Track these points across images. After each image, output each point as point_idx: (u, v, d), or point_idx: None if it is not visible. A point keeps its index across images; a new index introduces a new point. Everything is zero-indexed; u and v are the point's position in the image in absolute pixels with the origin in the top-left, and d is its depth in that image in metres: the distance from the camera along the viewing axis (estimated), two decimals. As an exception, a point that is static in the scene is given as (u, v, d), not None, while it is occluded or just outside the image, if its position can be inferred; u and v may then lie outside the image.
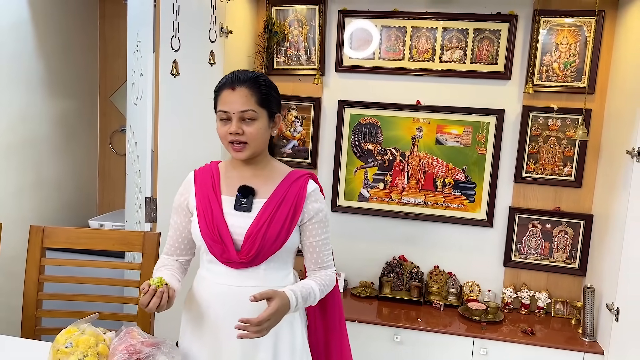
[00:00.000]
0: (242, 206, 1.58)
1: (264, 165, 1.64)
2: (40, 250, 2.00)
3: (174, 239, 1.69)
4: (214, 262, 1.60)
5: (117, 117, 3.44)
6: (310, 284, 1.59)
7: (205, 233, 1.57)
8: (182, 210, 1.67)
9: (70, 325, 1.49)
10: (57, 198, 3.12)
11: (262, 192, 1.60)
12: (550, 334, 2.79)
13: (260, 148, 1.59)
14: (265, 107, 1.56)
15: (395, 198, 3.16)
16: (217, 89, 1.59)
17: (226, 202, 1.60)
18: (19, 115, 2.77)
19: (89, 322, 1.51)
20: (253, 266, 1.56)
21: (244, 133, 1.52)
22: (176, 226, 1.68)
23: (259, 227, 1.55)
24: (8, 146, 2.72)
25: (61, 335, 1.46)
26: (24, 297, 2.00)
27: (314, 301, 1.59)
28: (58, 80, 3.06)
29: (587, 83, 2.87)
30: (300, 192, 1.60)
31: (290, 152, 3.26)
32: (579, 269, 2.98)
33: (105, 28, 3.41)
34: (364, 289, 3.18)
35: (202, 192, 1.61)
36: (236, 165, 1.65)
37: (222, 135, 1.56)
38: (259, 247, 1.54)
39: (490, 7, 2.95)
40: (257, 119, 1.54)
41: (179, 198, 1.68)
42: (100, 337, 1.48)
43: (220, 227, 1.56)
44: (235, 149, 1.55)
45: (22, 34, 2.76)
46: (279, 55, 3.19)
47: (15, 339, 1.81)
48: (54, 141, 3.06)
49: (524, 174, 3.01)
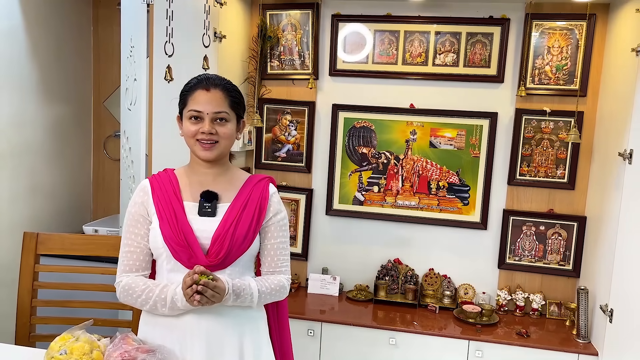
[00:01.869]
0: (207, 211, 1.57)
1: (225, 170, 1.65)
2: (35, 256, 1.99)
3: (136, 253, 1.59)
4: (177, 270, 1.55)
5: (110, 122, 3.44)
6: (249, 281, 1.58)
7: (170, 238, 1.53)
8: (142, 220, 1.60)
9: (65, 332, 1.49)
10: (51, 204, 3.11)
11: (224, 196, 1.61)
12: (544, 335, 2.80)
13: (227, 149, 1.62)
14: (236, 110, 1.60)
15: (390, 201, 3.17)
16: (187, 89, 1.59)
17: (189, 207, 1.59)
18: (12, 121, 2.76)
19: (84, 329, 1.50)
20: (220, 269, 1.55)
21: (217, 133, 1.55)
22: (137, 239, 1.60)
23: (227, 229, 1.55)
24: (1, 153, 2.71)
25: (55, 342, 1.46)
26: (18, 304, 1.99)
27: (251, 300, 1.56)
28: (52, 85, 3.05)
29: (579, 86, 2.89)
30: (263, 194, 1.63)
31: (284, 156, 3.26)
32: (572, 270, 3.00)
33: (98, 33, 3.41)
34: (360, 293, 3.19)
35: (163, 199, 1.58)
36: (196, 171, 1.63)
37: (190, 134, 1.56)
38: (228, 249, 1.54)
39: (482, 11, 2.97)
40: (229, 120, 1.58)
41: (137, 208, 1.61)
42: (95, 344, 1.48)
43: (185, 232, 1.53)
44: (205, 147, 1.55)
45: (15, 39, 2.76)
46: (272, 60, 3.20)
47: (9, 346, 1.80)
48: (47, 147, 3.05)
49: (517, 176, 3.02)
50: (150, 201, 1.60)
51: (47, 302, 2.03)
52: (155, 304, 1.52)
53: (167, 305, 1.51)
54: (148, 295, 1.53)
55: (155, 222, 1.57)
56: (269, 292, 1.62)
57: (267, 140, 3.27)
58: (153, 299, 1.52)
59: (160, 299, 1.51)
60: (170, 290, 1.51)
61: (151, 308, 1.54)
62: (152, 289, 1.53)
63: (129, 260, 1.60)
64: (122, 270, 1.61)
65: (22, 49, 2.81)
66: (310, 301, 3.12)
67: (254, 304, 1.58)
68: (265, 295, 1.61)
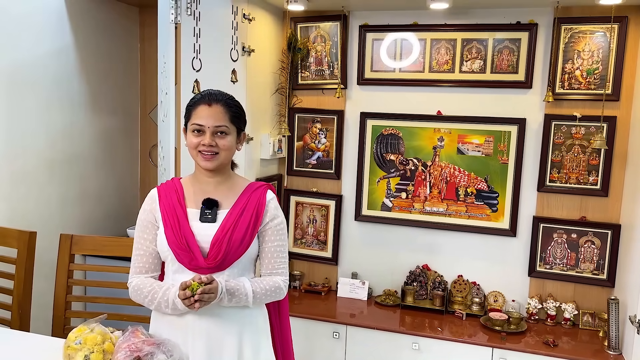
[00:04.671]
0: (207, 217, 1.69)
1: (226, 178, 1.76)
2: (69, 256, 2.20)
3: (146, 256, 1.74)
4: (180, 272, 1.67)
5: (155, 132, 3.65)
6: (243, 282, 1.68)
7: (173, 242, 1.66)
8: (151, 225, 1.73)
9: (81, 324, 1.65)
10: (99, 209, 3.37)
11: (225, 203, 1.72)
12: (575, 346, 2.74)
13: (228, 160, 1.73)
14: (236, 124, 1.71)
15: (418, 207, 3.19)
16: (191, 104, 1.72)
17: (191, 214, 1.71)
18: (62, 132, 3.04)
19: (99, 322, 1.66)
20: (219, 272, 1.66)
21: (217, 145, 1.66)
22: (147, 243, 1.73)
23: (224, 233, 1.66)
24: (52, 161, 2.98)
25: (72, 333, 1.63)
26: (55, 299, 2.20)
27: (247, 300, 1.66)
28: (101, 99, 3.32)
29: (611, 90, 2.81)
30: (260, 200, 1.73)
31: (315, 163, 3.36)
32: (607, 280, 2.91)
33: (145, 50, 3.66)
34: (388, 298, 3.23)
35: (168, 205, 1.71)
36: (199, 179, 1.75)
37: (193, 146, 1.67)
38: (225, 252, 1.65)
39: (509, 17, 2.95)
40: (229, 133, 1.69)
41: (146, 215, 1.74)
42: (108, 336, 1.63)
43: (187, 236, 1.66)
44: (205, 157, 1.67)
45: (66, 58, 3.03)
46: (303, 71, 3.31)
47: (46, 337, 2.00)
48: (96, 156, 3.32)
49: (547, 182, 2.97)
50: (157, 208, 1.73)
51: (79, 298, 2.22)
52: (160, 305, 1.66)
53: (169, 307, 1.64)
54: (153, 296, 1.67)
55: (162, 228, 1.70)
56: (264, 293, 1.71)
57: (298, 148, 3.39)
58: (157, 300, 1.66)
59: (163, 300, 1.65)
60: (171, 293, 1.63)
61: (157, 307, 1.68)
62: (156, 290, 1.67)
63: (139, 262, 1.75)
64: (133, 272, 1.76)
65: (73, 66, 3.08)
66: (340, 305, 3.19)
67: (250, 303, 1.68)
68: (260, 295, 1.70)
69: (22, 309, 2.18)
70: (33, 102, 2.84)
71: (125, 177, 3.61)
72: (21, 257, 2.20)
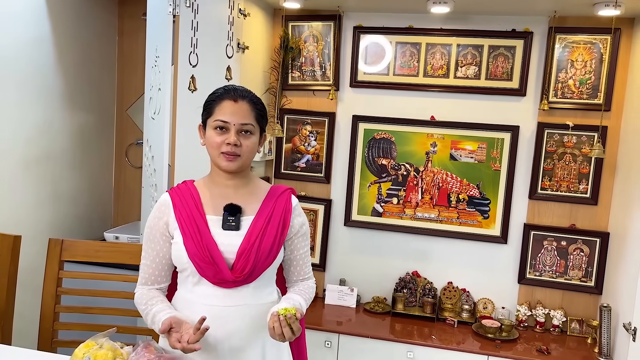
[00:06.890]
0: (231, 225, 1.55)
1: (247, 182, 1.62)
2: (59, 262, 2.02)
3: (152, 267, 1.60)
4: (202, 284, 1.55)
5: (133, 130, 3.48)
6: (299, 300, 1.59)
7: (195, 255, 1.51)
8: (160, 235, 1.58)
9: (89, 339, 1.50)
10: (73, 210, 3.15)
11: (248, 209, 1.59)
12: (565, 353, 2.75)
13: (249, 161, 1.60)
14: (260, 123, 1.59)
15: (409, 213, 3.15)
16: (213, 98, 1.57)
17: (212, 221, 1.56)
18: (37, 129, 2.81)
19: (107, 337, 1.51)
20: (245, 284, 1.54)
21: (241, 145, 1.53)
22: (154, 253, 1.59)
23: (251, 244, 1.53)
24: (27, 160, 2.75)
25: (79, 349, 1.47)
26: (42, 310, 2.01)
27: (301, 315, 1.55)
28: (76, 94, 3.10)
29: (603, 100, 2.86)
30: (286, 206, 1.62)
31: (304, 167, 3.27)
32: (595, 287, 2.95)
33: (123, 43, 3.46)
34: (377, 305, 3.17)
35: (185, 213, 1.55)
36: (217, 182, 1.60)
37: (215, 145, 1.53)
38: (254, 264, 1.52)
39: (505, 24, 2.96)
40: (254, 133, 1.56)
41: (156, 222, 1.59)
42: (118, 352, 1.49)
43: (210, 248, 1.51)
44: (228, 159, 1.52)
45: (42, 49, 2.81)
46: (294, 71, 3.22)
47: (32, 352, 1.81)
48: (71, 154, 3.09)
49: (539, 190, 2.99)
50: (172, 216, 1.57)
51: (70, 308, 2.04)
52: (152, 324, 1.53)
53: (157, 330, 1.51)
54: (146, 314, 1.54)
55: (179, 238, 1.54)
56: (308, 299, 1.65)
57: (287, 150, 3.28)
58: (149, 320, 1.54)
59: (152, 322, 1.52)
60: (157, 320, 1.50)
61: (150, 325, 1.55)
62: (148, 311, 1.54)
63: (145, 273, 1.62)
64: (139, 282, 1.63)
65: (49, 58, 2.86)
66: (328, 312, 3.11)
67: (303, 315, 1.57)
68: (307, 303, 1.63)
69: (4, 321, 1.98)
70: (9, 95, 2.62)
71: (99, 178, 3.39)
72: (4, 263, 1.99)
